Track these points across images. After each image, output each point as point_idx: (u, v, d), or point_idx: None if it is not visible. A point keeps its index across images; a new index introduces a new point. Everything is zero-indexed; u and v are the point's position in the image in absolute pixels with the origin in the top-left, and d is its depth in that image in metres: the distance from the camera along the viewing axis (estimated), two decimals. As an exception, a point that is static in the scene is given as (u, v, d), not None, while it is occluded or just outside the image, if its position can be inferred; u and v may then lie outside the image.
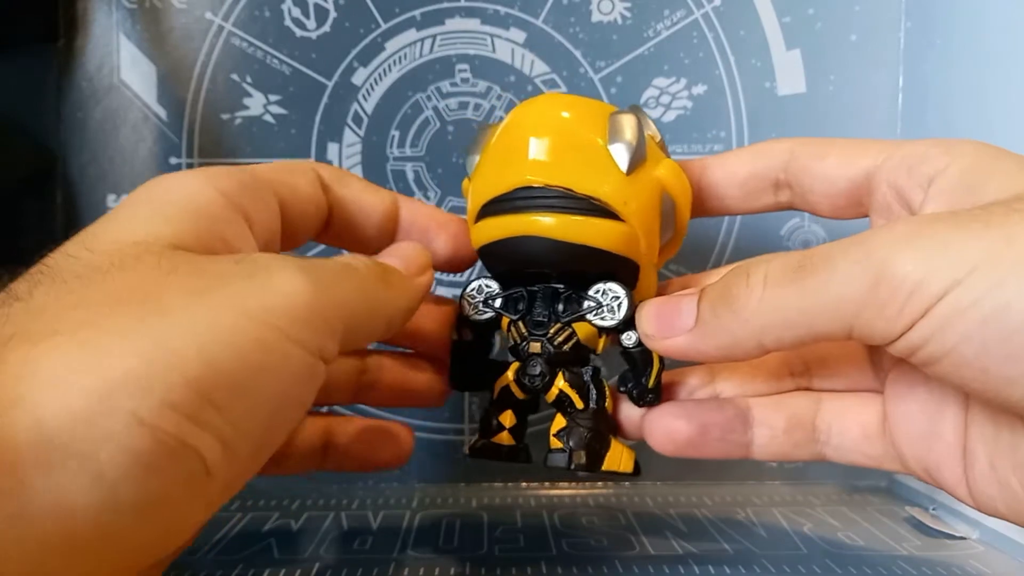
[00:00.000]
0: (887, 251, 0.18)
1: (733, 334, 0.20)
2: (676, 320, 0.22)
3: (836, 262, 0.19)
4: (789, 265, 0.20)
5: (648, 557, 0.28)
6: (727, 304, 0.20)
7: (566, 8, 0.37)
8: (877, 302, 0.18)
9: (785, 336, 0.20)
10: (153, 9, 0.36)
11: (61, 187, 0.36)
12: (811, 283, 0.19)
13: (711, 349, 0.21)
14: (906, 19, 0.36)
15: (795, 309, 0.19)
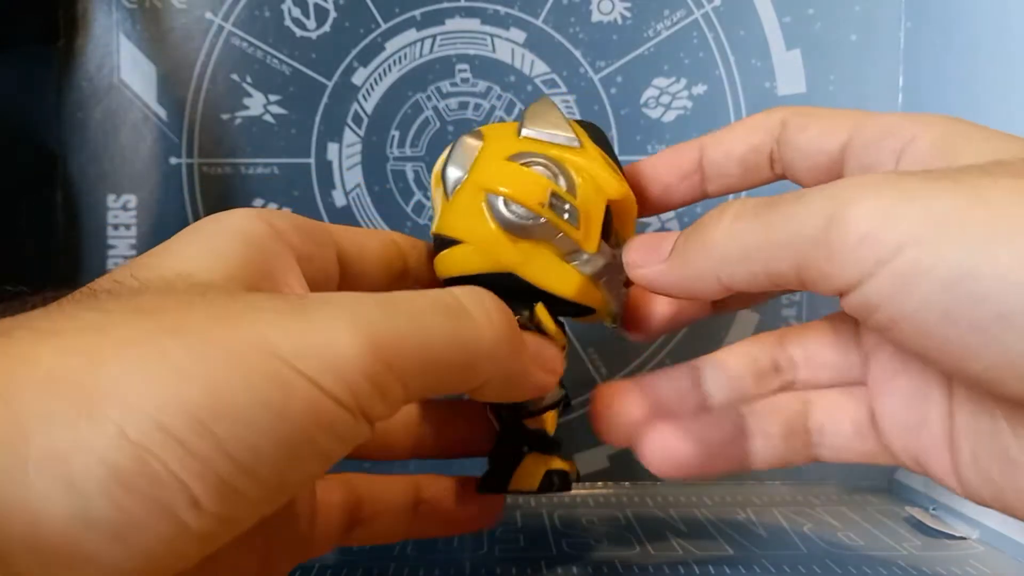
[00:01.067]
0: (850, 194, 0.17)
1: (696, 266, 0.20)
2: (655, 252, 0.22)
3: (802, 200, 0.18)
4: (761, 201, 0.19)
5: (648, 557, 0.28)
6: (697, 234, 0.20)
7: (566, 8, 0.37)
8: (826, 244, 0.17)
9: (740, 271, 0.19)
10: (153, 9, 0.36)
11: (61, 187, 0.36)
12: (773, 216, 0.19)
13: (676, 280, 0.21)
14: (906, 19, 0.36)
15: (754, 241, 0.19)
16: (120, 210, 0.36)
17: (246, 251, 0.19)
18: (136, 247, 0.36)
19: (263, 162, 0.37)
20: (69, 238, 0.36)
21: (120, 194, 0.36)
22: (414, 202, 0.37)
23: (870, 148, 0.22)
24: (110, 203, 0.36)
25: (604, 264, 0.23)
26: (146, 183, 0.36)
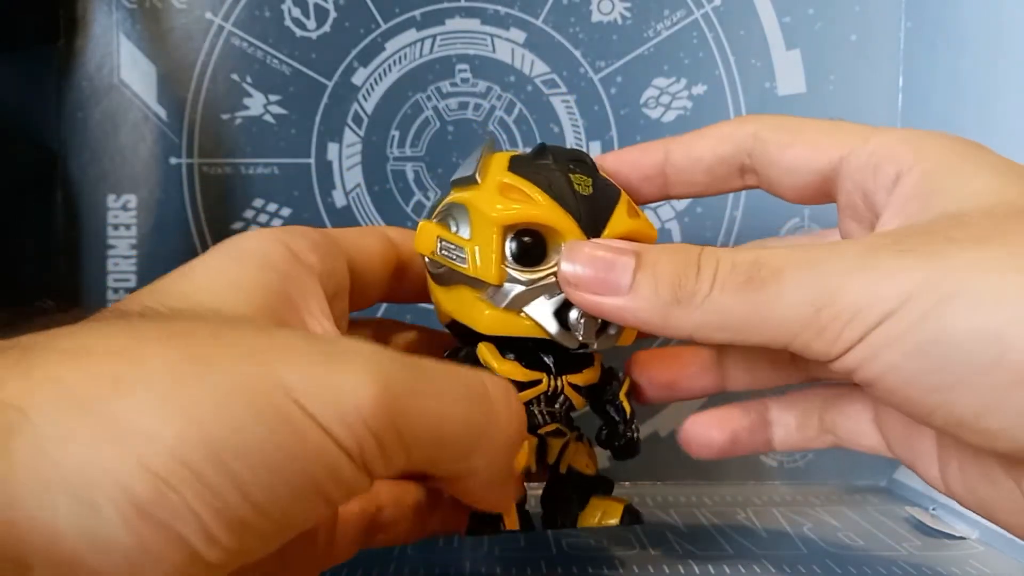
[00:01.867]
0: (836, 280, 0.19)
1: (667, 318, 0.21)
2: (609, 277, 0.21)
3: (785, 281, 0.19)
4: (739, 271, 0.20)
5: (648, 557, 0.28)
6: (671, 290, 0.20)
7: (566, 8, 0.37)
8: (817, 326, 0.19)
9: (718, 336, 0.20)
10: (153, 9, 0.36)
11: (61, 187, 0.36)
12: (758, 297, 0.19)
13: (640, 323, 0.21)
14: (906, 19, 0.36)
15: (737, 317, 0.20)
16: (120, 210, 0.36)
17: (268, 282, 0.20)
18: (136, 247, 0.36)
19: (263, 162, 0.37)
20: (69, 238, 0.36)
21: (120, 194, 0.36)
22: (414, 202, 0.37)
23: (867, 172, 0.22)
24: (110, 203, 0.36)
25: (520, 292, 0.23)
26: (146, 183, 0.36)
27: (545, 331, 0.23)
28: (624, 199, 0.24)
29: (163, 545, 0.14)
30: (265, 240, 0.21)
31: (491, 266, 0.23)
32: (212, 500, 0.14)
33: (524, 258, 0.23)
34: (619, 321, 0.22)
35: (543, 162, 0.24)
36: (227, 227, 0.36)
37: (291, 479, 0.15)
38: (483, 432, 0.18)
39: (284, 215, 0.37)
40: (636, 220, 0.24)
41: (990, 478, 0.21)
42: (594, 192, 0.23)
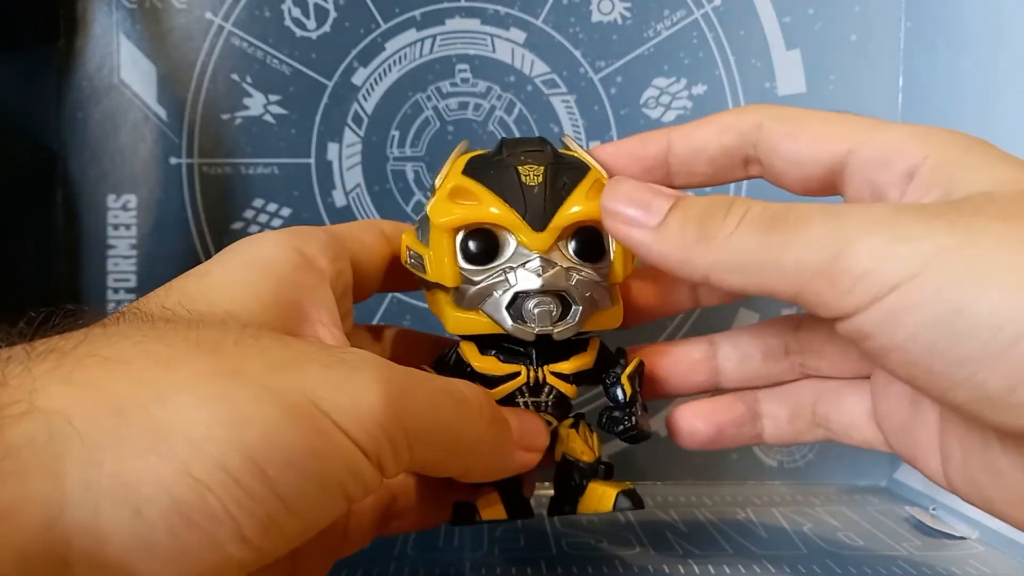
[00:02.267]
0: (855, 230, 0.18)
1: (688, 254, 0.20)
2: (643, 211, 0.21)
3: (808, 225, 0.19)
4: (767, 214, 0.20)
5: (648, 557, 0.28)
6: (698, 226, 0.20)
7: (566, 8, 0.37)
8: (828, 276, 0.18)
9: (729, 279, 0.20)
10: (153, 9, 0.36)
11: (61, 187, 0.36)
12: (778, 238, 0.19)
13: (661, 256, 0.21)
14: (906, 19, 0.36)
15: (754, 257, 0.19)
16: (120, 210, 0.36)
17: (282, 292, 0.20)
18: (136, 247, 0.36)
19: (263, 162, 0.37)
20: (69, 238, 0.36)
21: (120, 194, 0.36)
22: (414, 202, 0.37)
23: (877, 166, 0.22)
24: (110, 203, 0.36)
25: (474, 291, 0.23)
26: (146, 183, 0.36)
27: (500, 326, 0.23)
28: (589, 179, 0.24)
29: (200, 547, 0.15)
30: (280, 247, 0.22)
31: (444, 269, 0.24)
32: (248, 503, 0.15)
33: (474, 258, 0.23)
34: (642, 253, 0.22)
35: (497, 159, 0.24)
36: (227, 227, 0.36)
37: (319, 480, 0.16)
38: (465, 426, 0.20)
39: (284, 215, 0.37)
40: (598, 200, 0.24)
41: (993, 469, 0.20)
42: (545, 180, 0.23)
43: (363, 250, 0.25)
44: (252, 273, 0.20)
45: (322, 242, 0.23)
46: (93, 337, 0.16)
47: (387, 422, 0.17)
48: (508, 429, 0.23)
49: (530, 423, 0.24)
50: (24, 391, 0.14)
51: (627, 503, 0.25)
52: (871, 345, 0.19)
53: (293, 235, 0.22)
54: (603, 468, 0.26)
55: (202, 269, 0.21)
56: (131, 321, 0.17)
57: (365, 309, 0.37)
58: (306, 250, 0.22)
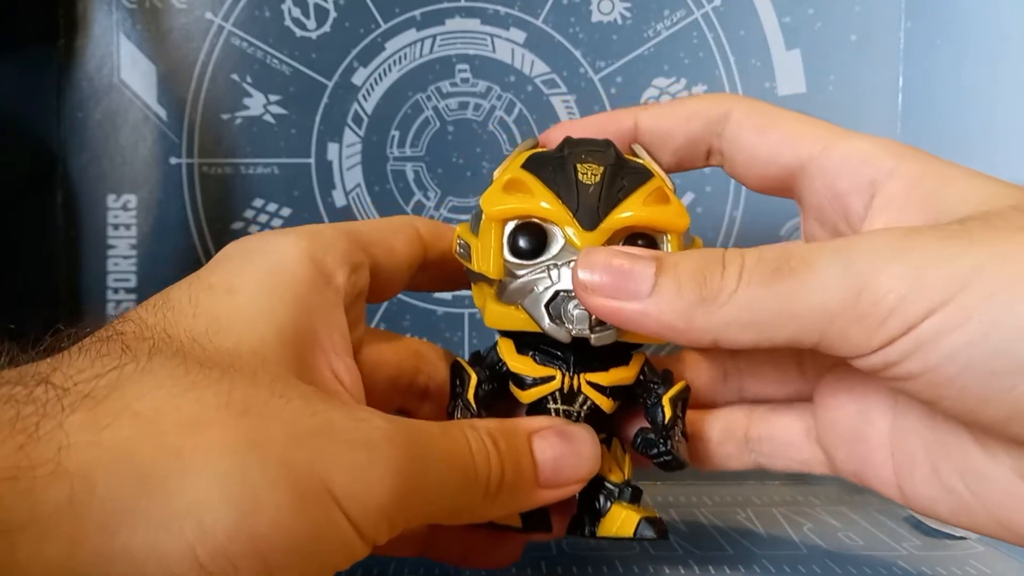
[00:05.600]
0: (872, 262, 0.18)
1: (692, 320, 0.19)
2: (628, 282, 0.20)
3: (816, 267, 0.18)
4: (766, 263, 0.19)
5: (648, 557, 0.28)
6: (695, 288, 0.19)
7: (566, 8, 0.37)
8: (856, 313, 0.18)
9: (743, 337, 0.19)
10: (153, 9, 0.36)
11: (61, 187, 0.36)
12: (789, 286, 0.18)
13: (661, 327, 0.20)
14: (906, 19, 0.36)
15: (768, 311, 0.19)
16: (120, 210, 0.36)
17: (299, 318, 0.20)
18: (136, 247, 0.36)
19: (263, 162, 0.37)
20: (69, 238, 0.36)
21: (120, 194, 0.36)
22: (414, 202, 0.37)
23: (841, 173, 0.22)
24: (110, 203, 0.36)
25: (517, 285, 0.23)
26: (146, 183, 0.36)
27: (537, 324, 0.23)
28: (650, 186, 0.23)
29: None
30: (301, 263, 0.21)
31: (489, 260, 0.23)
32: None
33: (520, 252, 0.23)
34: (639, 329, 0.20)
35: (558, 156, 0.24)
36: (227, 227, 0.36)
37: (314, 563, 0.17)
38: (469, 497, 0.20)
39: (284, 215, 0.37)
40: (656, 208, 0.23)
41: (979, 475, 0.20)
42: (602, 181, 0.22)
43: (388, 255, 0.24)
44: (273, 297, 0.20)
45: (342, 252, 0.22)
46: (126, 379, 0.16)
47: (393, 512, 0.18)
48: (530, 475, 0.22)
49: (572, 456, 0.22)
50: (54, 448, 0.14)
51: (650, 531, 0.24)
52: (896, 371, 0.18)
53: (314, 242, 0.21)
54: (630, 491, 0.25)
55: (227, 282, 0.20)
56: (164, 358, 0.17)
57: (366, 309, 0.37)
58: (325, 264, 0.21)
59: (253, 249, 0.21)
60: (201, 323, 0.19)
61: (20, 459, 0.14)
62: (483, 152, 0.37)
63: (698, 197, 0.37)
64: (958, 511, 0.21)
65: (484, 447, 0.20)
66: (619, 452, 0.26)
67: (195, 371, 0.17)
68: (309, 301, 0.21)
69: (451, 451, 0.20)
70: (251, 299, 0.20)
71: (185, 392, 0.16)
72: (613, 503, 0.24)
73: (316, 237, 0.22)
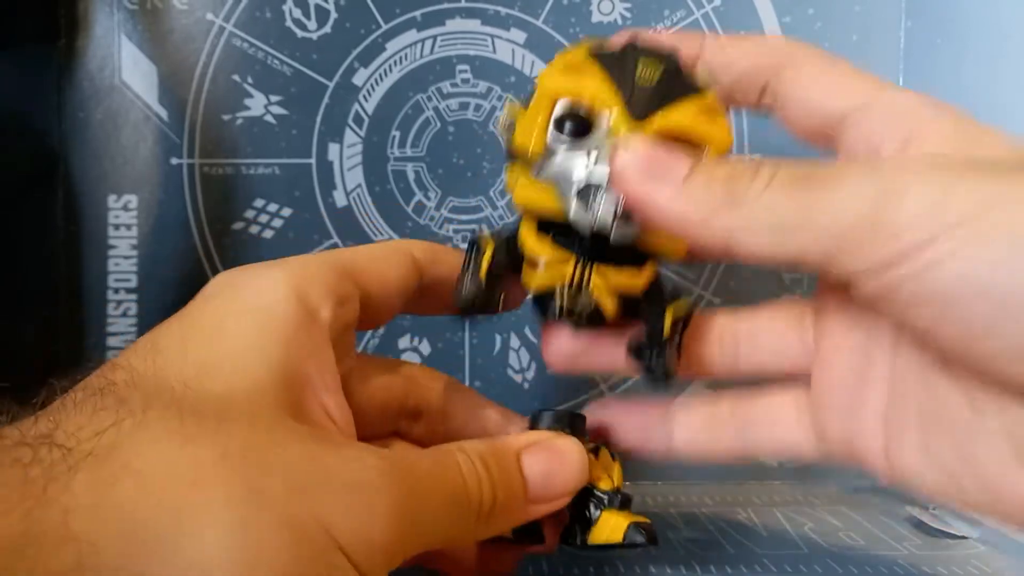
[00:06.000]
0: (897, 178, 0.18)
1: (712, 215, 0.19)
2: (662, 167, 0.20)
3: (843, 179, 0.18)
4: (798, 173, 0.19)
5: (648, 557, 0.28)
6: (725, 186, 0.19)
7: (566, 9, 0.37)
8: (871, 225, 0.17)
9: (758, 241, 0.19)
10: (154, 10, 0.36)
11: (62, 187, 0.36)
12: (814, 194, 0.18)
13: (681, 217, 0.20)
14: (906, 19, 0.36)
15: (788, 215, 0.18)
16: (121, 210, 0.36)
17: (288, 360, 0.20)
18: (137, 247, 0.36)
19: (264, 162, 0.37)
20: (70, 238, 0.36)
21: (121, 194, 0.36)
22: (415, 202, 0.37)
23: (878, 126, 0.22)
24: (111, 203, 0.36)
25: (553, 163, 0.22)
26: (147, 183, 0.36)
27: (564, 204, 0.22)
28: (704, 99, 0.22)
29: None
30: (287, 302, 0.21)
31: (531, 134, 0.22)
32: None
33: (564, 129, 0.22)
34: (661, 218, 0.20)
35: (621, 52, 0.23)
36: (228, 227, 0.37)
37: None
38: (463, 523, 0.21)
39: (285, 215, 0.37)
40: (705, 119, 0.22)
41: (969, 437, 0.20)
42: (658, 83, 0.22)
43: (379, 284, 0.24)
44: (261, 338, 0.20)
45: (328, 286, 0.22)
46: (125, 436, 0.16)
47: (392, 548, 0.18)
48: (520, 493, 0.22)
49: (561, 469, 0.23)
50: (60, 512, 0.15)
51: (639, 536, 0.24)
52: (903, 296, 0.18)
53: (299, 277, 0.21)
54: (620, 498, 0.25)
55: (215, 322, 0.20)
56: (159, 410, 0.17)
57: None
58: (310, 299, 0.21)
59: (238, 285, 0.21)
60: (191, 368, 0.19)
61: (29, 525, 0.14)
62: (484, 152, 0.37)
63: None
64: (944, 482, 0.21)
65: (476, 471, 0.21)
66: (607, 460, 0.26)
67: (190, 423, 0.17)
68: (297, 339, 0.20)
69: (444, 480, 0.20)
70: (239, 340, 0.20)
71: (182, 447, 0.17)
72: (603, 511, 0.25)
73: (302, 271, 0.22)
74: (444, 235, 0.37)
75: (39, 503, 0.15)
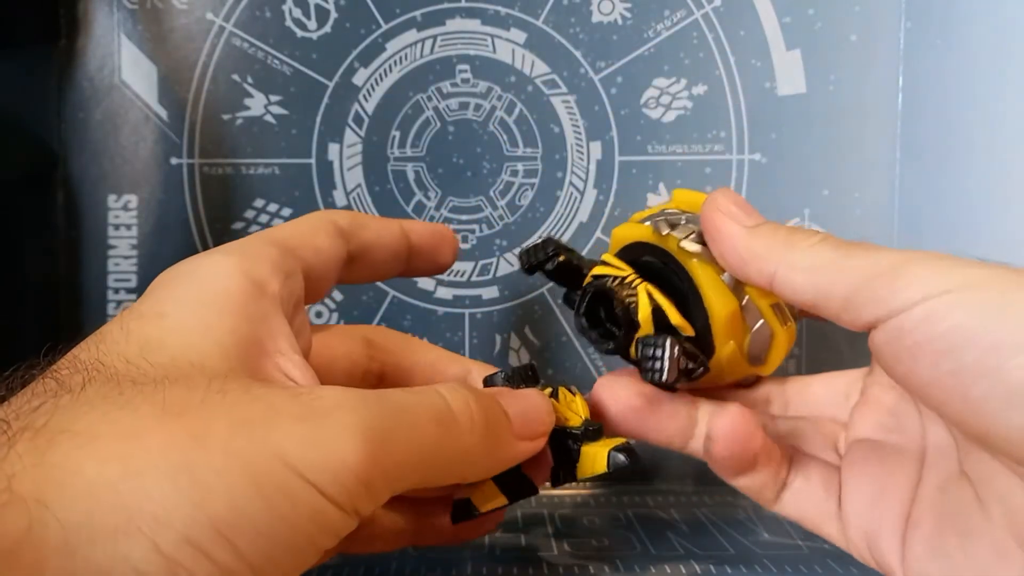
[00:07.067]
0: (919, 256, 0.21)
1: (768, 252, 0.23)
2: (748, 214, 0.24)
3: (875, 248, 0.22)
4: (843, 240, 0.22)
5: (649, 557, 0.28)
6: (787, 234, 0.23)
7: (566, 8, 0.37)
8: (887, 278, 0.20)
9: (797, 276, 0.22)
10: (154, 10, 0.36)
11: (62, 187, 0.36)
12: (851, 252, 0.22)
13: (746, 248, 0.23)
14: (906, 19, 0.36)
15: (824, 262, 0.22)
16: (121, 210, 0.36)
17: (239, 329, 0.20)
18: (137, 247, 0.36)
19: (264, 162, 0.37)
20: (70, 238, 0.36)
21: (121, 194, 0.36)
22: (415, 202, 0.37)
23: None
24: (111, 203, 0.36)
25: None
26: (147, 183, 0.36)
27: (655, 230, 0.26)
28: None
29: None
30: (231, 277, 0.21)
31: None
32: (219, 573, 0.15)
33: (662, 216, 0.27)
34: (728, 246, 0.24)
35: None
36: (228, 227, 0.37)
37: (289, 541, 0.16)
38: (454, 446, 0.20)
39: (285, 215, 0.37)
40: None
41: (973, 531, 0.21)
42: None
43: (316, 257, 0.24)
44: (208, 312, 0.20)
45: (272, 261, 0.22)
46: (63, 409, 0.16)
47: (365, 471, 0.17)
48: (506, 424, 0.22)
49: (533, 408, 0.24)
50: (4, 477, 0.15)
51: (621, 459, 0.24)
52: (907, 344, 0.20)
53: (242, 257, 0.22)
54: (592, 430, 0.25)
55: (157, 308, 0.20)
56: (98, 385, 0.17)
57: (366, 309, 0.37)
58: (256, 274, 0.21)
59: (183, 273, 0.21)
60: (134, 347, 0.19)
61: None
62: (483, 152, 0.37)
63: (698, 197, 0.37)
64: None
65: (459, 395, 0.21)
66: (568, 397, 0.26)
67: (129, 390, 0.17)
68: (247, 312, 0.20)
69: (423, 403, 0.20)
70: (185, 319, 0.20)
71: (120, 409, 0.16)
72: (580, 445, 0.25)
73: (244, 251, 0.22)
74: (444, 235, 0.37)
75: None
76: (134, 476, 0.15)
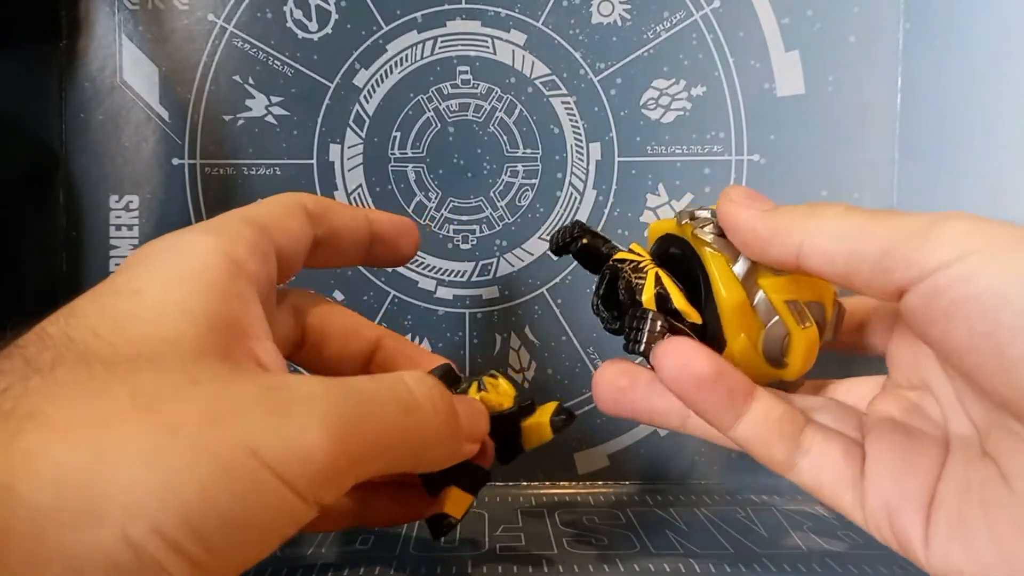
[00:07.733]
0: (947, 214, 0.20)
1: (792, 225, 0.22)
2: (759, 200, 0.24)
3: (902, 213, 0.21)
4: (866, 208, 0.22)
5: (649, 556, 0.28)
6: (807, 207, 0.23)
7: (566, 10, 0.37)
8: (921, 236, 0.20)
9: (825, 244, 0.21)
10: (155, 10, 0.36)
11: (63, 188, 0.36)
12: (876, 215, 0.21)
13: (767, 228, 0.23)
14: (904, 20, 0.37)
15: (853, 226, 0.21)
16: (122, 211, 0.36)
17: (215, 309, 0.20)
18: (138, 248, 0.36)
19: (265, 163, 0.37)
20: (71, 239, 0.36)
21: (122, 195, 0.36)
22: (415, 203, 0.37)
23: None
24: (112, 204, 0.36)
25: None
26: (148, 184, 0.36)
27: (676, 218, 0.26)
28: None
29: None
30: (210, 254, 0.21)
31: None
32: (184, 562, 0.16)
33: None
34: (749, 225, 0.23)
35: None
36: (229, 228, 0.37)
37: (254, 530, 0.17)
38: (419, 435, 0.21)
39: (285, 216, 0.37)
40: None
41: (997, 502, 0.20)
42: None
43: (288, 239, 0.24)
44: (184, 290, 0.20)
45: (250, 242, 0.22)
46: (32, 392, 0.16)
47: (332, 464, 0.18)
48: (458, 420, 0.23)
49: (476, 412, 0.25)
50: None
51: (560, 421, 0.26)
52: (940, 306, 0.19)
53: (221, 236, 0.22)
54: (525, 406, 0.27)
55: (133, 284, 0.20)
56: (68, 365, 0.17)
57: (367, 309, 0.37)
58: (235, 253, 0.21)
59: (160, 250, 0.21)
60: (108, 322, 0.19)
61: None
62: (484, 153, 0.37)
63: (696, 199, 0.37)
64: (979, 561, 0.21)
65: (424, 383, 0.21)
66: (493, 382, 0.27)
67: (100, 373, 0.17)
68: (223, 289, 0.20)
69: (391, 390, 0.20)
70: (161, 295, 0.20)
71: (92, 395, 0.16)
72: (520, 422, 0.27)
73: (222, 229, 0.22)
74: (444, 235, 0.37)
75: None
76: (106, 464, 0.15)
